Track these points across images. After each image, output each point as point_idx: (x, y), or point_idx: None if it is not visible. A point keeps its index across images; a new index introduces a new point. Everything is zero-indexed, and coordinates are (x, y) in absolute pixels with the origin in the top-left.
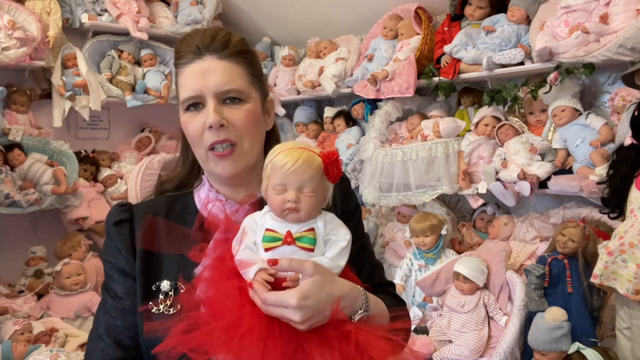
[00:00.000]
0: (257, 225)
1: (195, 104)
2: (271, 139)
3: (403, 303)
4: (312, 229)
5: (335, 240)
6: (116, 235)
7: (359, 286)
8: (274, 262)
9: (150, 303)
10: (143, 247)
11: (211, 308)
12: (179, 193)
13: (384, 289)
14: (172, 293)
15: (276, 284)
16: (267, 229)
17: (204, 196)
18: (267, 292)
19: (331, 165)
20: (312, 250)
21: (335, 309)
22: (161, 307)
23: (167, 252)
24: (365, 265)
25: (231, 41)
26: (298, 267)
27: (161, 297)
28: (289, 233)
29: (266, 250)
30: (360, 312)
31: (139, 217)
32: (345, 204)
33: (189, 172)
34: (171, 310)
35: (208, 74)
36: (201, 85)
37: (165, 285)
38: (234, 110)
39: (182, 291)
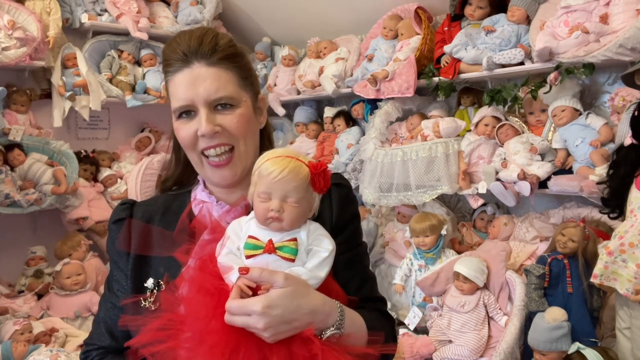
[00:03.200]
0: (241, 230)
1: (187, 112)
2: (263, 137)
3: (390, 320)
4: (295, 239)
5: (316, 251)
6: (114, 234)
7: (336, 302)
8: (245, 271)
9: (140, 297)
10: (133, 251)
11: (186, 311)
12: (179, 192)
13: (372, 304)
14: (156, 290)
15: (256, 292)
16: (249, 236)
17: (198, 196)
18: (233, 300)
19: (318, 176)
20: (292, 260)
21: (307, 326)
22: (146, 302)
23: (155, 254)
24: (354, 277)
25: (219, 45)
26: (269, 278)
27: (148, 293)
28: (270, 242)
29: (247, 257)
30: (331, 329)
31: (137, 216)
32: (342, 212)
33: (185, 169)
34: (153, 307)
35: (198, 81)
36: (192, 94)
37: (150, 283)
38: (226, 116)
39: (163, 288)
